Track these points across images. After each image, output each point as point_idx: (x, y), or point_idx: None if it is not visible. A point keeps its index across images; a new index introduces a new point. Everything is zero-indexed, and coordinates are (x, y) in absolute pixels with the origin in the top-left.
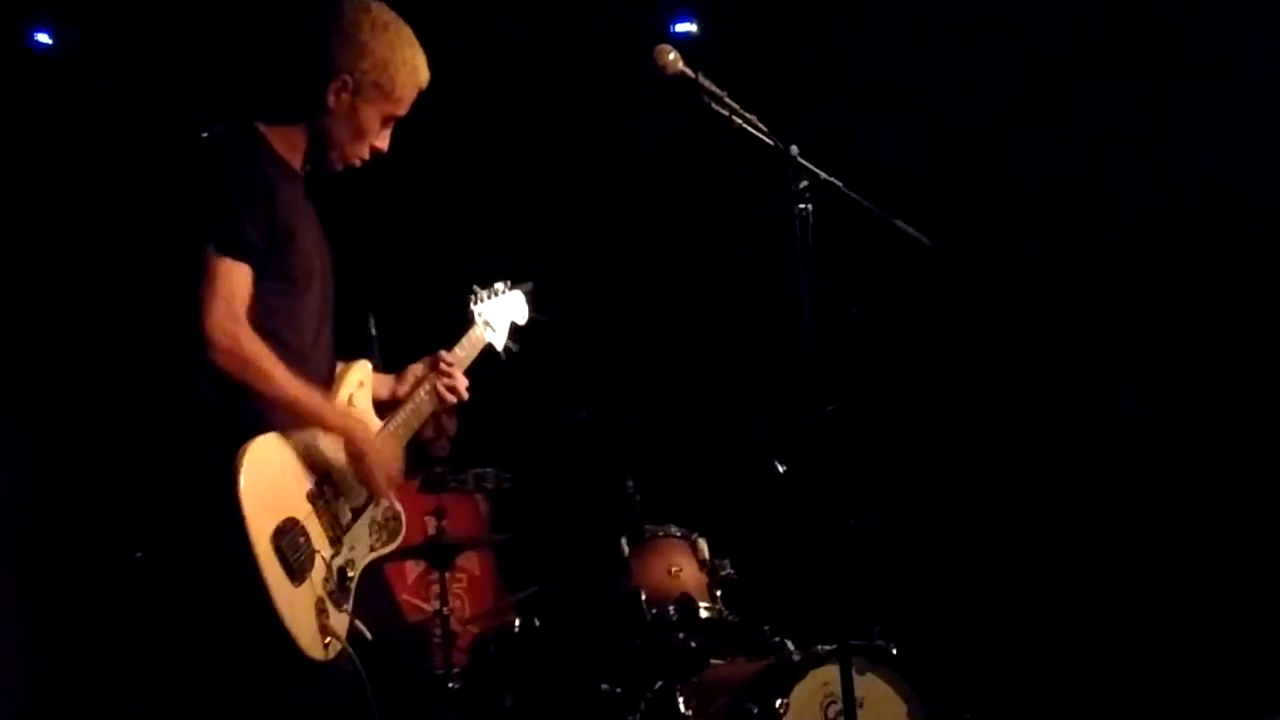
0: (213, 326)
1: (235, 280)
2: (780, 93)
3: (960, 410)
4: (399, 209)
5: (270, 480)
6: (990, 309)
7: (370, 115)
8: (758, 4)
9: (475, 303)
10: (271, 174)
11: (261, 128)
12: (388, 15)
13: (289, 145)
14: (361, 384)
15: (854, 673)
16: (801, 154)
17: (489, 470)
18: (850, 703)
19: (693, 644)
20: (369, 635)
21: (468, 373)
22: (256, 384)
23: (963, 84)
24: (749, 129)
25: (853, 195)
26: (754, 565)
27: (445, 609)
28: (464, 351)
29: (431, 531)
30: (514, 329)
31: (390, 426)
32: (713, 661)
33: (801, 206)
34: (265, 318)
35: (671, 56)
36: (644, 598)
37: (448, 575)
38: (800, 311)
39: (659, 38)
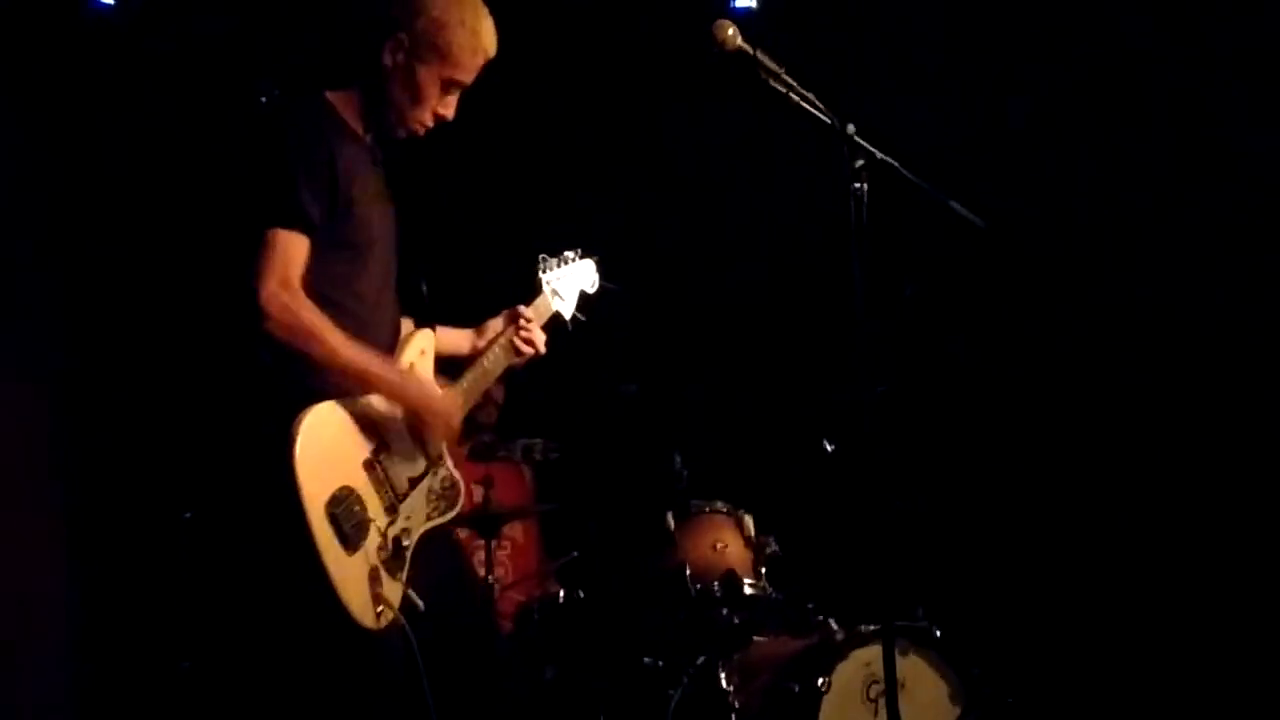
0: (267, 296)
1: (290, 250)
2: (840, 69)
3: (1011, 393)
4: (467, 176)
5: (326, 448)
6: (1045, 292)
7: (428, 78)
8: None
9: (544, 270)
10: (334, 141)
11: (327, 94)
12: None
13: (354, 111)
14: (423, 351)
15: (897, 654)
16: (858, 133)
17: (538, 441)
18: (892, 684)
19: (736, 620)
20: (421, 605)
21: None
22: (311, 350)
23: (1023, 64)
24: (806, 106)
25: (908, 175)
26: (799, 543)
27: (490, 577)
28: (533, 316)
29: (479, 500)
30: (583, 298)
31: (459, 384)
32: (756, 638)
33: (857, 185)
34: (326, 286)
35: (730, 32)
36: (689, 573)
37: (496, 543)
38: (853, 290)
39: (720, 13)
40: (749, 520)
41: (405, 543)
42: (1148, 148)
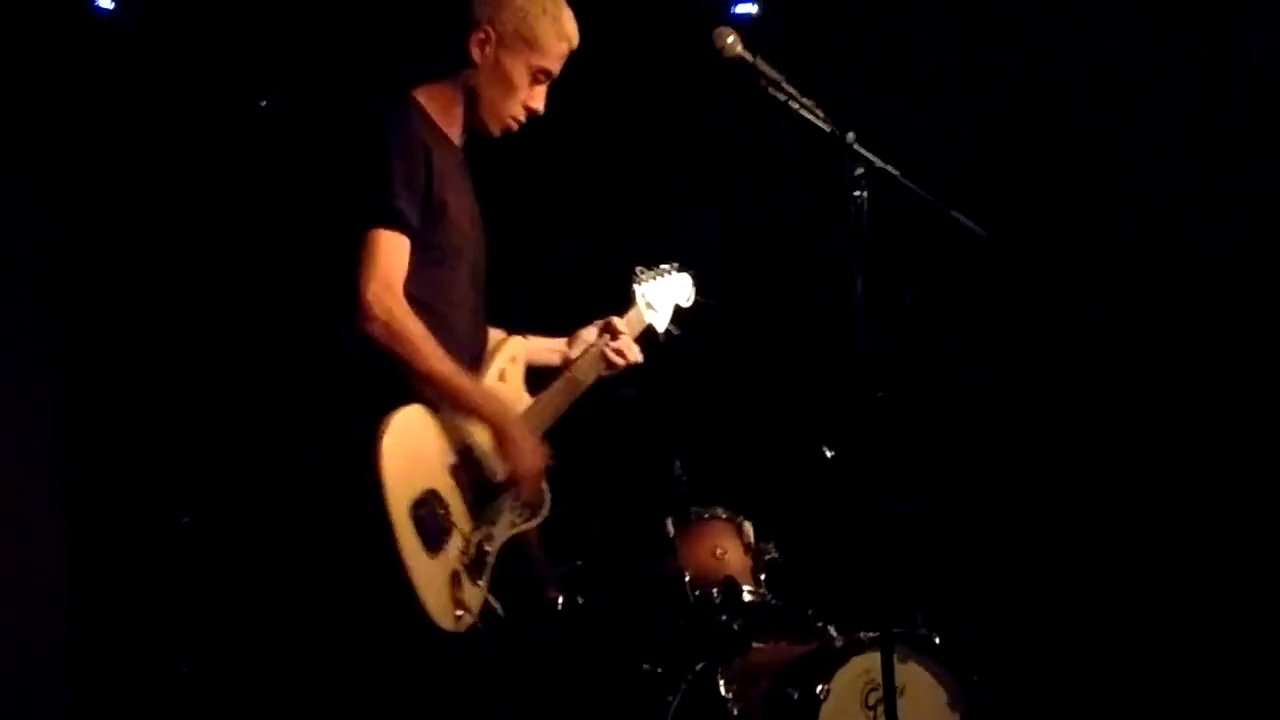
0: (370, 298)
1: (393, 251)
2: (842, 75)
3: (1011, 399)
4: (556, 185)
5: (412, 451)
6: (1045, 299)
7: (517, 68)
8: None
9: (637, 282)
10: (429, 143)
11: (419, 97)
12: None
13: (444, 113)
14: (514, 359)
15: (896, 660)
16: (858, 141)
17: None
18: (891, 690)
19: (735, 626)
20: (500, 610)
21: None
22: (406, 358)
23: (1022, 70)
24: (806, 114)
25: (908, 183)
26: (799, 549)
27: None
28: (625, 329)
29: None
30: (678, 312)
31: (545, 395)
32: (755, 645)
33: (857, 193)
34: (418, 289)
35: (730, 40)
36: (688, 579)
37: None
38: (853, 297)
39: (720, 19)
40: (749, 526)
41: (488, 549)
42: (1148, 153)
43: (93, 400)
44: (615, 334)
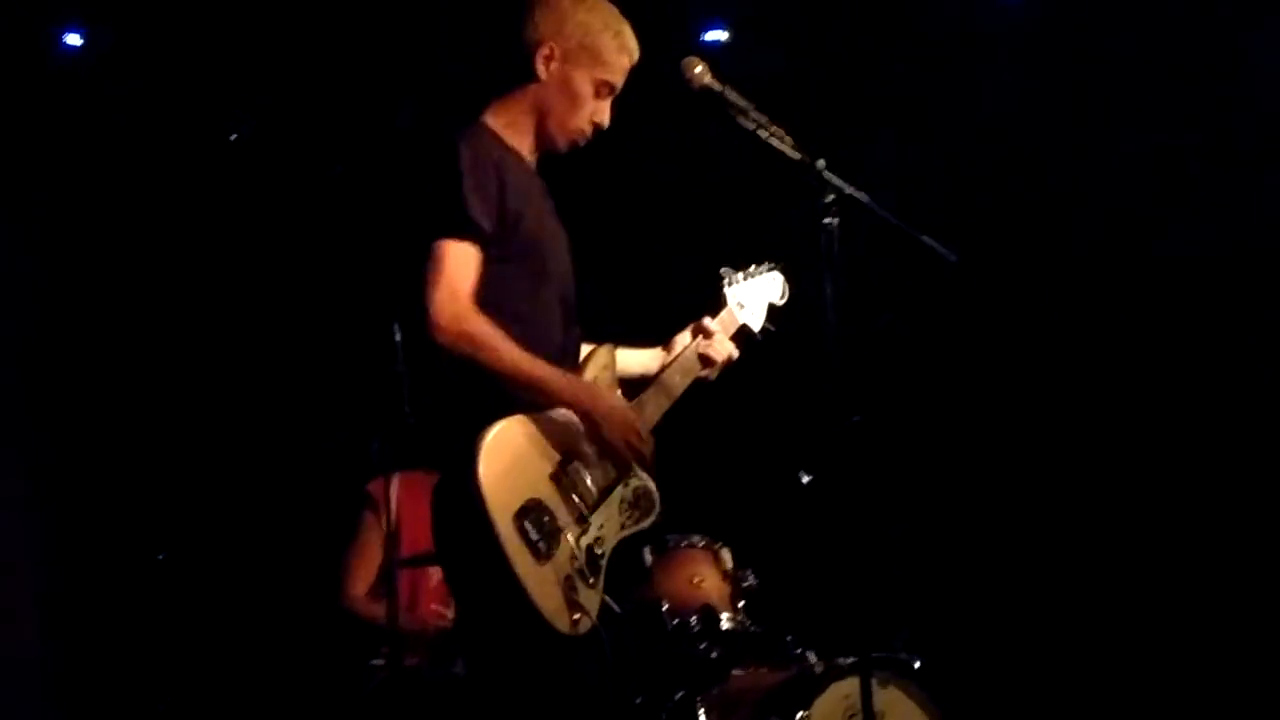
0: (437, 309)
1: (460, 261)
2: (813, 102)
3: (987, 422)
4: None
5: (511, 463)
6: (1016, 321)
7: (583, 81)
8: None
9: (728, 284)
10: (500, 158)
11: (487, 118)
12: None
13: (514, 131)
14: (605, 367)
15: (876, 686)
16: (829, 167)
17: None
18: (869, 717)
19: (714, 654)
20: (616, 608)
21: None
22: (481, 358)
23: (992, 98)
24: (776, 143)
25: (878, 210)
26: (777, 576)
27: (451, 614)
28: (718, 328)
29: None
30: (772, 310)
31: (642, 398)
32: (734, 672)
33: (828, 220)
34: (501, 298)
35: (699, 69)
36: (665, 607)
37: None
38: (827, 322)
39: (688, 47)
40: (726, 554)
41: (599, 551)
42: (1117, 174)
43: (70, 440)
44: (708, 334)
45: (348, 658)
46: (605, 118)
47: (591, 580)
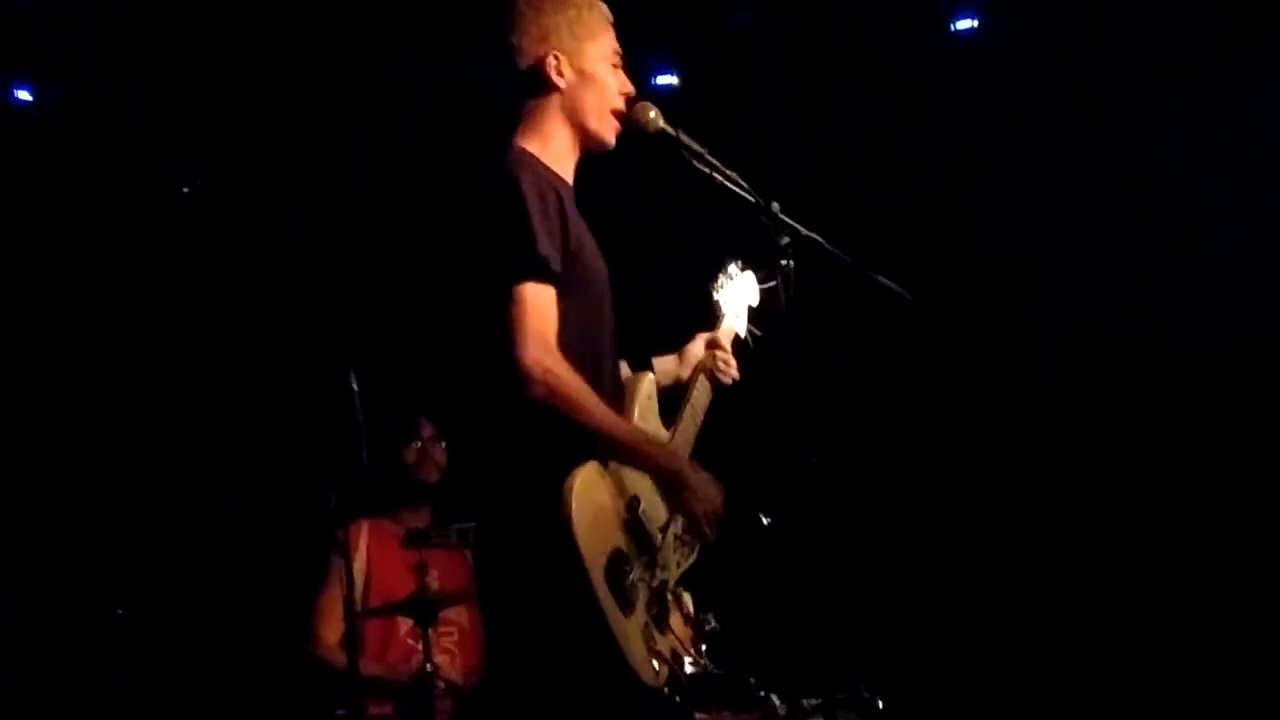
0: (530, 364)
1: (543, 305)
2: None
3: (945, 460)
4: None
5: (595, 511)
6: (972, 359)
7: (595, 63)
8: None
9: (717, 291)
10: (559, 187)
11: (524, 145)
12: None
13: (552, 152)
14: (650, 396)
15: None
16: (783, 210)
17: (472, 525)
18: None
19: (677, 699)
20: (692, 655)
21: None
22: (575, 417)
23: (938, 140)
24: (730, 186)
25: (834, 251)
26: (739, 619)
27: (429, 665)
28: (725, 341)
29: (412, 588)
30: (751, 313)
31: (678, 426)
32: (698, 716)
33: (784, 262)
34: (574, 339)
35: (652, 114)
36: None
37: (435, 631)
38: (783, 363)
39: (639, 92)
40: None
41: (666, 594)
42: (1074, 210)
43: (28, 494)
44: (720, 349)
45: (314, 708)
46: (629, 85)
47: (664, 625)
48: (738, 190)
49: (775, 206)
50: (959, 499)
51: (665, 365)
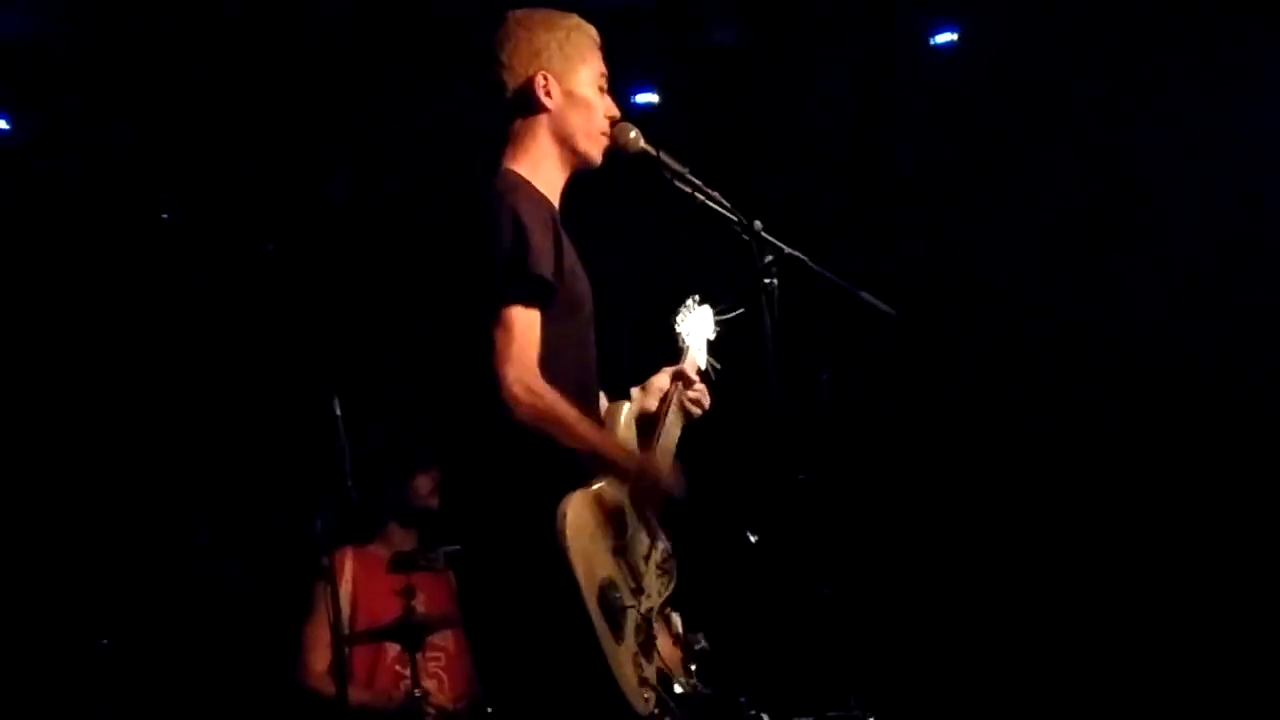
0: (514, 384)
1: (528, 329)
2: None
3: (931, 475)
4: None
5: (589, 539)
6: (957, 374)
7: (582, 84)
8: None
9: (678, 323)
10: (551, 210)
11: (514, 168)
12: (522, 12)
13: (545, 175)
14: (629, 425)
15: None
16: (765, 228)
17: (459, 548)
18: None
19: None
20: (686, 686)
21: None
22: (557, 435)
23: (926, 147)
24: (712, 205)
25: (817, 269)
26: (729, 638)
27: (417, 690)
28: (693, 374)
29: (398, 612)
30: (709, 346)
31: (653, 453)
32: None
33: (767, 280)
34: (562, 363)
35: (633, 135)
36: None
37: (423, 655)
38: (769, 381)
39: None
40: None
41: (652, 621)
42: (1056, 224)
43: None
44: (689, 382)
45: None
46: (614, 109)
47: (651, 653)
48: (720, 210)
49: (758, 225)
50: (947, 515)
51: (637, 396)
